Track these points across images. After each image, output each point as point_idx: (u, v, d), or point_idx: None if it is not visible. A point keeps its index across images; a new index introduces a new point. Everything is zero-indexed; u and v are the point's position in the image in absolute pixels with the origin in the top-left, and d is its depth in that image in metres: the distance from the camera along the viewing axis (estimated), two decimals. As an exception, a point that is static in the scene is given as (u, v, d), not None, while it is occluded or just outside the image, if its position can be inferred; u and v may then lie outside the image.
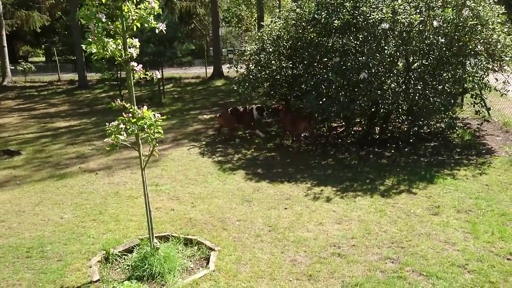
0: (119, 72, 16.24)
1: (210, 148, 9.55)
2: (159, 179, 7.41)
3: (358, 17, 8.35)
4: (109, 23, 3.91)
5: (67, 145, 10.26)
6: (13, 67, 23.44)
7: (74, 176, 7.80)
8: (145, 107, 4.11)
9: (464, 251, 4.67)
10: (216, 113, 13.30)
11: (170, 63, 17.74)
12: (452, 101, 8.58)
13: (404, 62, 8.92)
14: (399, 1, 8.16)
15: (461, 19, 7.93)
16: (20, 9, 24.80)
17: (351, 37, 8.46)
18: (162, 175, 7.66)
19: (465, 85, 8.93)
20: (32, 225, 5.73)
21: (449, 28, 8.06)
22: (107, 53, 3.93)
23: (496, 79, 8.87)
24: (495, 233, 5.05)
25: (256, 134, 10.28)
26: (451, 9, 8.04)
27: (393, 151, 8.68)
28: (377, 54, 8.14)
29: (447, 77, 8.16)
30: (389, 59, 8.19)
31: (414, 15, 7.94)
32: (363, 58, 8.13)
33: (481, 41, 8.22)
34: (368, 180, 7.09)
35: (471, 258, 4.53)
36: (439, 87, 8.10)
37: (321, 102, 8.41)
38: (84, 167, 8.37)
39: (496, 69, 8.76)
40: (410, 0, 8.32)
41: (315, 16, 8.99)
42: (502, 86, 8.77)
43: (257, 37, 11.08)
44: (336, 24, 8.42)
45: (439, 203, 6.01)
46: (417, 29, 8.17)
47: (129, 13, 3.94)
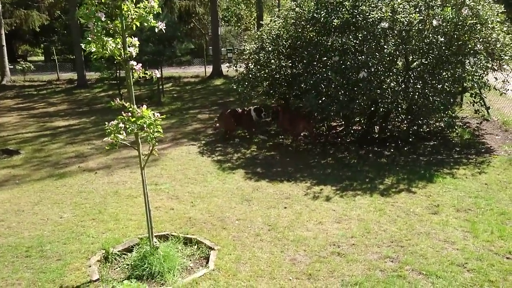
0: (118, 71, 16.22)
1: (209, 147, 9.55)
2: (158, 178, 7.41)
3: (358, 16, 8.35)
4: (109, 22, 3.90)
5: (66, 144, 10.25)
6: (12, 66, 23.42)
7: (73, 176, 7.80)
8: (144, 106, 4.11)
9: (463, 250, 4.67)
10: (215, 112, 13.32)
11: (169, 62, 17.75)
12: (451, 100, 8.58)
13: (404, 61, 8.92)
14: (399, 0, 8.16)
15: (461, 18, 7.93)
16: (19, 8, 24.77)
17: (350, 36, 8.46)
18: (161, 174, 7.66)
19: (465, 84, 8.95)
20: (32, 224, 5.73)
21: (448, 27, 8.06)
22: (107, 52, 3.92)
23: (496, 78, 8.87)
24: (495, 232, 5.06)
25: (258, 137, 10.18)
26: (450, 8, 8.03)
27: (392, 150, 8.68)
28: (377, 53, 8.14)
29: (446, 76, 8.16)
30: (388, 58, 8.19)
31: (413, 14, 7.94)
32: (363, 57, 8.13)
33: (480, 40, 8.23)
34: (367, 179, 7.10)
35: (470, 257, 4.53)
36: (438, 86, 8.10)
37: (320, 101, 8.41)
38: (84, 166, 8.37)
39: (496, 68, 8.76)
40: (409, -1, 8.33)
41: (315, 15, 8.98)
42: (502, 85, 8.77)
43: (256, 36, 11.08)
44: (335, 23, 8.42)
45: (438, 202, 6.01)
46: (416, 28, 8.17)
47: (129, 12, 3.94)
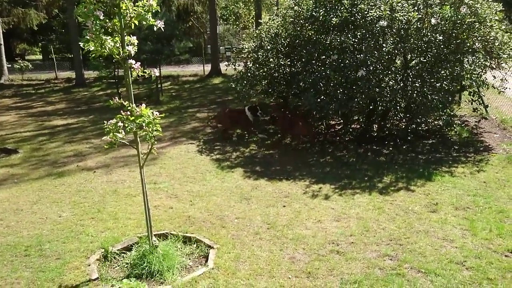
0: (116, 70, 16.19)
1: (208, 146, 9.54)
2: (157, 177, 7.40)
3: (356, 14, 8.35)
4: (107, 20, 3.89)
5: (64, 143, 10.23)
6: (10, 65, 23.34)
7: (72, 175, 7.78)
8: (143, 105, 4.11)
9: (462, 248, 4.69)
10: (214, 111, 13.32)
11: (167, 61, 17.66)
12: (450, 98, 8.61)
13: (402, 60, 8.92)
14: (397, -2, 8.17)
15: (459, 16, 7.93)
16: (17, 6, 24.65)
17: (349, 35, 8.46)
18: (160, 173, 7.66)
19: (463, 83, 8.96)
20: (30, 223, 5.72)
21: (447, 25, 8.07)
22: (105, 51, 3.91)
23: (494, 77, 8.87)
24: (493, 230, 5.07)
25: (257, 135, 10.11)
26: (449, 6, 8.04)
27: (391, 148, 8.69)
28: (375, 52, 8.14)
29: (445, 74, 8.16)
30: (387, 57, 8.19)
31: (412, 13, 7.95)
32: (361, 55, 8.13)
33: (479, 38, 8.24)
34: (366, 178, 7.11)
35: (469, 255, 4.54)
36: (437, 84, 8.11)
37: (319, 100, 8.41)
38: (82, 165, 8.35)
39: (494, 66, 8.76)
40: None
41: (313, 13, 8.97)
42: (500, 83, 8.78)
43: (255, 35, 11.07)
44: (334, 22, 8.42)
45: (437, 200, 6.02)
46: (415, 26, 8.18)
47: (127, 11, 3.93)
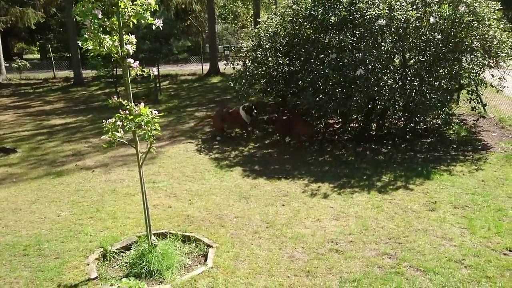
0: (114, 69, 16.16)
1: (207, 145, 9.54)
2: (156, 176, 7.40)
3: (355, 13, 8.35)
4: (105, 19, 3.89)
5: (63, 142, 10.21)
6: (7, 64, 23.28)
7: (70, 174, 7.77)
8: (142, 104, 4.10)
9: (461, 247, 4.70)
10: (212, 110, 13.32)
11: (166, 60, 17.65)
12: (448, 97, 8.62)
13: (401, 59, 8.93)
14: (396, -3, 8.17)
15: (458, 15, 7.94)
16: (15, 5, 24.56)
17: (347, 34, 8.46)
18: (159, 172, 7.65)
19: (461, 81, 8.96)
20: (29, 223, 5.71)
21: (445, 24, 8.08)
22: (104, 50, 3.91)
23: (492, 75, 8.89)
24: (492, 228, 5.08)
25: (255, 133, 10.04)
26: (447, 5, 8.05)
27: (389, 147, 8.70)
28: (374, 51, 8.14)
29: (443, 73, 8.17)
30: (385, 56, 8.20)
31: (410, 11, 7.95)
32: (360, 54, 8.14)
33: (477, 37, 8.25)
34: (365, 177, 7.11)
35: (468, 253, 4.55)
36: (435, 83, 8.12)
37: (318, 99, 8.42)
38: (81, 164, 8.34)
39: (492, 65, 8.79)
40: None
41: (312, 12, 8.97)
42: (498, 82, 8.80)
43: (253, 34, 11.07)
44: (332, 21, 8.41)
45: (435, 199, 6.03)
46: (413, 25, 8.19)
47: (125, 9, 3.92)
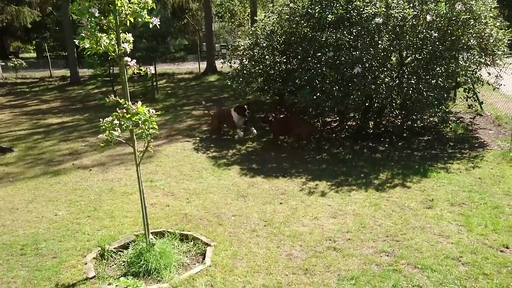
0: (111, 68, 16.12)
1: (204, 143, 9.53)
2: (153, 175, 7.39)
3: (352, 11, 8.36)
4: (102, 18, 3.87)
5: (60, 141, 10.18)
6: (3, 64, 23.21)
7: (67, 173, 7.75)
8: (139, 102, 4.09)
9: (458, 244, 4.71)
10: (210, 108, 13.31)
11: (163, 58, 17.63)
12: (445, 95, 8.62)
13: (398, 57, 8.95)
14: (393, -5, 8.18)
15: (454, 13, 7.96)
16: (10, 4, 24.46)
17: (344, 32, 8.47)
18: (156, 171, 7.64)
19: (458, 79, 8.99)
20: (26, 222, 5.69)
21: (442, 22, 8.09)
22: (101, 48, 3.89)
23: (489, 73, 8.92)
24: (488, 225, 5.10)
25: (252, 132, 9.68)
26: (444, 3, 8.06)
27: (387, 145, 8.72)
28: (371, 49, 8.15)
29: (440, 71, 8.19)
30: (382, 54, 8.21)
31: (407, 10, 7.97)
32: (357, 52, 8.14)
33: (473, 35, 8.27)
34: (362, 175, 7.13)
35: (465, 250, 4.57)
36: (432, 81, 8.13)
37: (315, 97, 8.42)
38: (78, 163, 8.32)
39: (489, 63, 8.81)
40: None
41: (309, 10, 8.97)
42: (495, 80, 8.83)
43: (250, 32, 11.06)
44: (329, 19, 8.42)
45: (433, 196, 6.05)
46: (410, 23, 8.20)
47: (122, 8, 3.91)
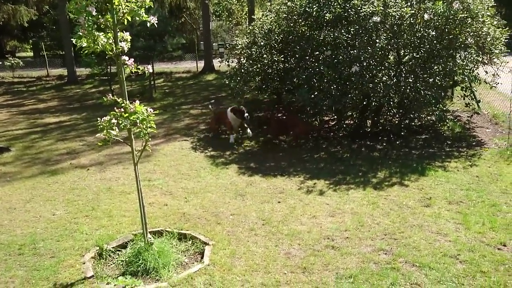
0: (109, 67, 16.08)
1: (202, 142, 9.52)
2: (151, 174, 7.38)
3: (350, 10, 8.36)
4: (100, 16, 3.86)
5: (57, 141, 10.15)
6: (0, 63, 23.12)
7: (65, 172, 7.73)
8: (137, 101, 4.08)
9: (455, 242, 4.73)
10: (207, 107, 13.31)
11: (160, 57, 17.60)
12: (442, 94, 8.68)
13: (395, 55, 8.95)
14: (390, -6, 8.19)
15: (452, 12, 7.97)
16: (7, 3, 24.36)
17: (342, 31, 8.48)
18: (154, 170, 7.63)
19: (456, 78, 9.01)
20: (24, 222, 5.68)
21: (439, 21, 8.11)
22: (98, 47, 3.87)
23: (486, 72, 8.93)
24: (486, 223, 5.12)
25: (246, 132, 9.39)
26: (441, 2, 8.08)
27: (384, 144, 8.73)
28: (369, 47, 8.16)
29: (437, 70, 8.21)
30: (380, 52, 8.21)
31: (405, 8, 7.98)
32: (355, 51, 8.15)
33: (471, 34, 8.29)
34: (360, 173, 7.14)
35: (462, 248, 4.58)
36: (430, 80, 8.15)
37: (313, 96, 8.43)
38: (75, 163, 8.30)
39: (486, 61, 8.82)
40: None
41: (307, 9, 8.97)
42: (492, 78, 8.84)
43: (248, 31, 11.04)
44: (327, 18, 8.42)
45: (430, 194, 6.07)
46: (408, 22, 8.21)
47: (120, 6, 3.89)
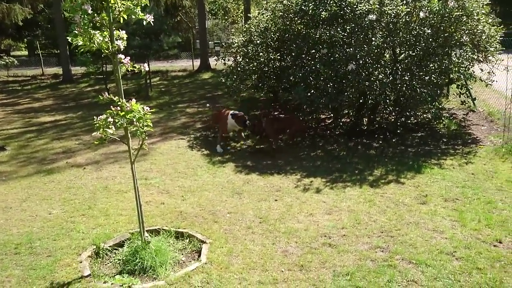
0: (104, 65, 16.01)
1: (198, 141, 9.51)
2: (148, 173, 7.36)
3: (345, 8, 8.36)
4: (95, 15, 3.84)
5: (53, 140, 10.10)
6: (-5, 62, 22.95)
7: (61, 171, 7.70)
8: (133, 100, 4.07)
9: (452, 239, 4.75)
10: (203, 106, 13.32)
11: (156, 56, 17.54)
12: (438, 91, 8.68)
13: (391, 53, 8.98)
14: (386, -8, 8.20)
15: (447, 10, 8.00)
16: (1, 1, 24.18)
17: (338, 29, 8.48)
18: (151, 168, 7.61)
19: (451, 76, 9.04)
20: (20, 221, 5.65)
21: (435, 19, 8.13)
22: (94, 46, 3.86)
23: (481, 70, 8.97)
24: (482, 220, 5.15)
25: (217, 148, 8.63)
26: (437, 0, 8.10)
27: (381, 142, 8.75)
28: (365, 46, 8.17)
29: (433, 67, 8.24)
30: (376, 50, 8.23)
31: (400, 6, 7.99)
32: (351, 49, 8.16)
33: (466, 32, 8.31)
34: (357, 171, 7.15)
35: (459, 245, 4.61)
36: (425, 77, 8.18)
37: (309, 94, 8.44)
38: (72, 162, 8.26)
39: (481, 59, 8.85)
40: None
41: (303, 7, 8.96)
42: (487, 76, 8.88)
43: (244, 29, 11.03)
44: (323, 16, 8.42)
45: (426, 192, 6.09)
46: (403, 20, 8.22)
47: (116, 5, 3.88)
